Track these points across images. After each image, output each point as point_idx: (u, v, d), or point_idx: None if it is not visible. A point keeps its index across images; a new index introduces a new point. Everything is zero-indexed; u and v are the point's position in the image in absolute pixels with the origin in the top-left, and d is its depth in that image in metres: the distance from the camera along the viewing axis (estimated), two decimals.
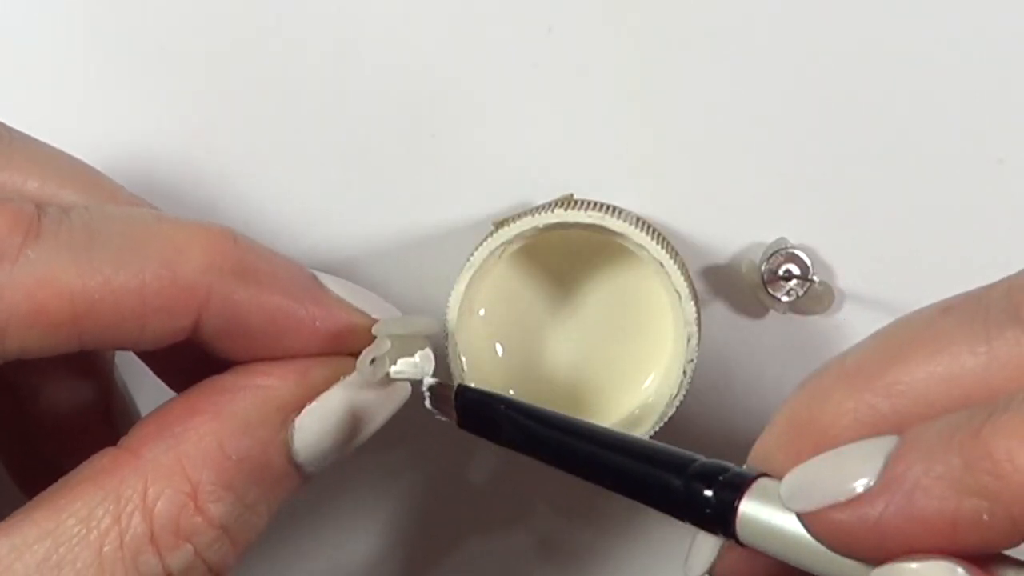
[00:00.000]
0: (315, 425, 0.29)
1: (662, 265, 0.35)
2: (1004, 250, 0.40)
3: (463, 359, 0.36)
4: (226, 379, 0.29)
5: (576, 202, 0.37)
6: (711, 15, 0.39)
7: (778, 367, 0.40)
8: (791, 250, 0.39)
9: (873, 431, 0.24)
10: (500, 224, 0.36)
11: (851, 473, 0.23)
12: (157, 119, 0.41)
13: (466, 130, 0.40)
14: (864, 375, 0.25)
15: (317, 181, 0.41)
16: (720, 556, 0.27)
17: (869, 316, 0.40)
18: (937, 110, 0.39)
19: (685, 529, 0.26)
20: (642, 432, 0.36)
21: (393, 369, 0.30)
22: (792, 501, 0.23)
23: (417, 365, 0.31)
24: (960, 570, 0.21)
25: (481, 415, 0.30)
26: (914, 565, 0.21)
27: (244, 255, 0.28)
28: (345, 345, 0.30)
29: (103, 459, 0.27)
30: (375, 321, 0.31)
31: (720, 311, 0.41)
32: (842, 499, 0.23)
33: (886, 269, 0.40)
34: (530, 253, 0.38)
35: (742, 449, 0.27)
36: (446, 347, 0.36)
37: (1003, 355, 0.23)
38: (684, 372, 0.36)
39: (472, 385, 0.34)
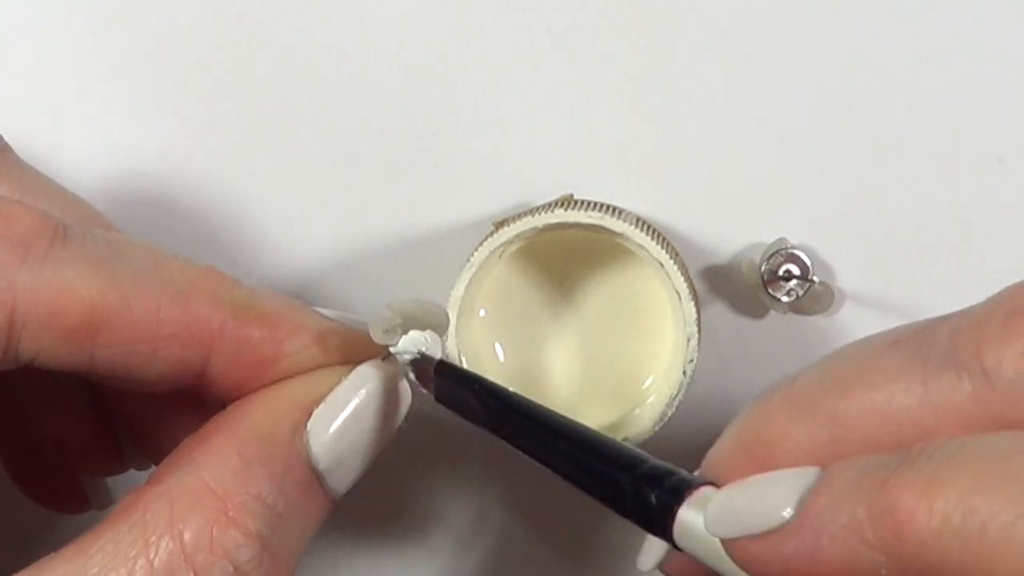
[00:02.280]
0: (327, 425, 0.29)
1: (662, 265, 0.35)
2: (1004, 250, 0.40)
3: (463, 359, 0.36)
4: (233, 406, 0.29)
5: (576, 202, 0.37)
6: (711, 16, 0.39)
7: (778, 367, 0.40)
8: (791, 250, 0.39)
9: (812, 458, 0.24)
10: (500, 224, 0.36)
11: (769, 506, 0.23)
12: (157, 122, 0.41)
13: (467, 131, 0.40)
14: (807, 403, 0.25)
15: (318, 182, 0.41)
16: (668, 555, 0.28)
17: (869, 316, 0.40)
18: (937, 110, 0.39)
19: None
20: (642, 432, 0.36)
21: (400, 344, 0.30)
22: (714, 526, 0.24)
23: (426, 342, 0.31)
24: None
25: (455, 392, 0.31)
26: None
27: (250, 294, 0.29)
28: (349, 360, 0.30)
29: (128, 495, 0.27)
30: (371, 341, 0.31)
31: (720, 311, 0.41)
32: (757, 532, 0.23)
33: (886, 269, 0.40)
34: (530, 253, 0.38)
35: None
36: (446, 347, 0.36)
37: (937, 398, 0.24)
38: (684, 372, 0.36)
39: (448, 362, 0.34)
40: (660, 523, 0.26)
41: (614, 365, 0.39)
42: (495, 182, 0.40)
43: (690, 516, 0.25)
